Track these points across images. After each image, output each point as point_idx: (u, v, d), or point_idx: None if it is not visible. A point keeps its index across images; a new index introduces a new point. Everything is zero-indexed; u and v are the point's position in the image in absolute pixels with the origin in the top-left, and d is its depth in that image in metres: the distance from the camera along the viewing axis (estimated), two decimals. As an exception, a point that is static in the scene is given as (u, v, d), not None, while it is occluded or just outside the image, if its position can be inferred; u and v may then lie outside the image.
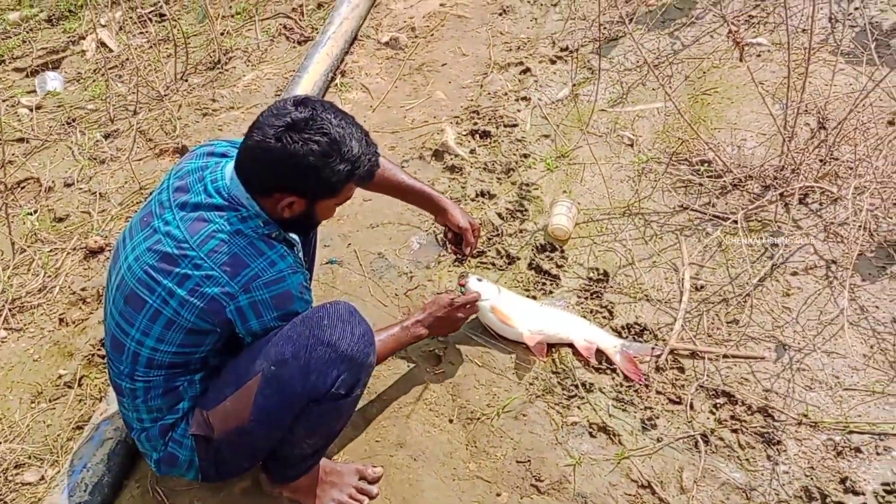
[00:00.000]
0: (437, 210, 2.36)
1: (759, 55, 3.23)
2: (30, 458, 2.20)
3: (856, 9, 3.30)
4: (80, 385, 2.41)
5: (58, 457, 2.20)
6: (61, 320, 2.63)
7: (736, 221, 2.42)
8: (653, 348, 2.28)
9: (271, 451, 1.87)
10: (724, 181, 2.70)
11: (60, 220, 3.04)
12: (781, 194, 2.59)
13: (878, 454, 1.98)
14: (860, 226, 2.36)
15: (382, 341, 2.02)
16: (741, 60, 2.52)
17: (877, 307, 2.31)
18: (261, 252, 1.69)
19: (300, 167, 1.65)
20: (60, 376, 2.44)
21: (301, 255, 1.93)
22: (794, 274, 2.43)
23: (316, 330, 1.70)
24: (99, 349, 2.50)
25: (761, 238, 2.53)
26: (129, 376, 1.78)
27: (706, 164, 2.78)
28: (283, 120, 1.64)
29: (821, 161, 2.62)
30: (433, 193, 2.35)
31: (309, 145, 1.63)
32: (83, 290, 2.72)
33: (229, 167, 1.76)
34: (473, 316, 2.31)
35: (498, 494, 2.00)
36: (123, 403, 1.86)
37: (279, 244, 1.74)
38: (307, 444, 1.85)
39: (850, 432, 2.02)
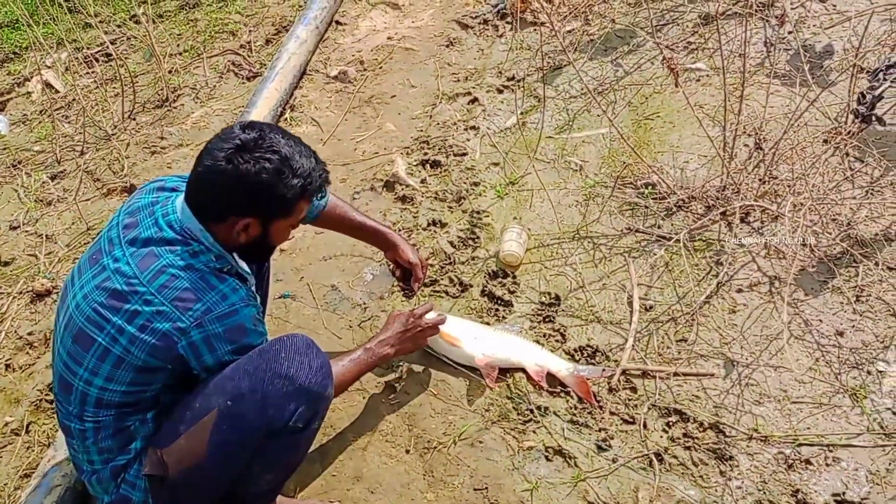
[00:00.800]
0: (386, 245, 2.38)
1: (698, 80, 3.33)
2: (-25, 509, 2.14)
3: (789, 32, 3.42)
4: (27, 432, 2.35)
5: (5, 507, 2.14)
6: (7, 366, 2.57)
7: (680, 241, 2.47)
8: (604, 370, 2.30)
9: (227, 491, 1.85)
10: (669, 202, 2.76)
11: (6, 263, 2.98)
12: (723, 213, 2.65)
13: (827, 465, 2.02)
14: (800, 242, 2.43)
15: (345, 367, 2.00)
16: (676, 86, 2.59)
17: (820, 321, 2.37)
18: (212, 286, 1.68)
19: (253, 187, 1.66)
20: (7, 423, 2.38)
21: (254, 289, 1.92)
22: (739, 291, 2.48)
23: (273, 363, 1.69)
24: (47, 394, 2.45)
25: (705, 257, 2.59)
26: (78, 417, 1.74)
27: (651, 187, 2.84)
28: (231, 143, 1.66)
29: (760, 180, 2.69)
30: (383, 229, 2.37)
31: (260, 163, 1.65)
32: (30, 334, 2.67)
33: (180, 200, 1.75)
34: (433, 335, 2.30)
35: (456, 523, 2.00)
36: (73, 445, 1.81)
37: (231, 278, 1.73)
38: (264, 481, 1.82)
39: (800, 445, 2.07)
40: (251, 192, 1.67)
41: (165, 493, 1.77)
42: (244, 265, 1.89)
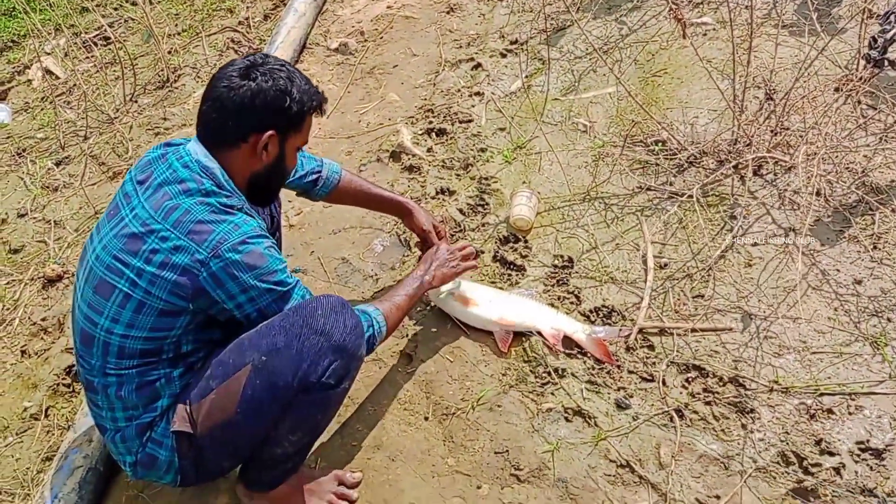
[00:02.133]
0: (402, 213, 2.41)
1: (704, 34, 3.27)
2: (0, 493, 2.15)
3: (795, -19, 3.35)
4: (46, 416, 2.36)
5: (29, 490, 2.15)
6: (23, 352, 2.57)
7: (693, 196, 2.44)
8: (620, 329, 2.28)
9: (251, 455, 1.85)
10: (680, 159, 2.72)
11: (16, 251, 2.99)
12: (736, 167, 2.61)
13: (850, 414, 2.00)
14: (814, 192, 2.39)
15: (395, 304, 2.00)
16: (684, 38, 2.55)
17: (838, 270, 2.33)
18: (223, 219, 1.70)
19: (271, 99, 1.74)
20: (26, 409, 2.39)
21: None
22: (755, 244, 2.45)
23: (310, 320, 1.71)
24: (64, 379, 2.45)
25: (719, 212, 2.55)
26: (100, 371, 1.74)
27: (661, 144, 2.80)
28: (239, 65, 1.75)
29: (772, 132, 2.65)
30: (398, 198, 2.41)
31: (273, 76, 1.74)
32: (43, 319, 2.67)
33: (191, 144, 1.79)
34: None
35: (478, 487, 1.99)
36: (96, 402, 1.80)
37: (242, 213, 1.76)
38: (289, 442, 1.81)
39: (822, 394, 2.04)
40: (270, 105, 1.74)
41: (192, 453, 1.77)
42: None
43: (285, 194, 2.43)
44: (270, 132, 1.76)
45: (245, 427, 1.73)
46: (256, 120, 1.74)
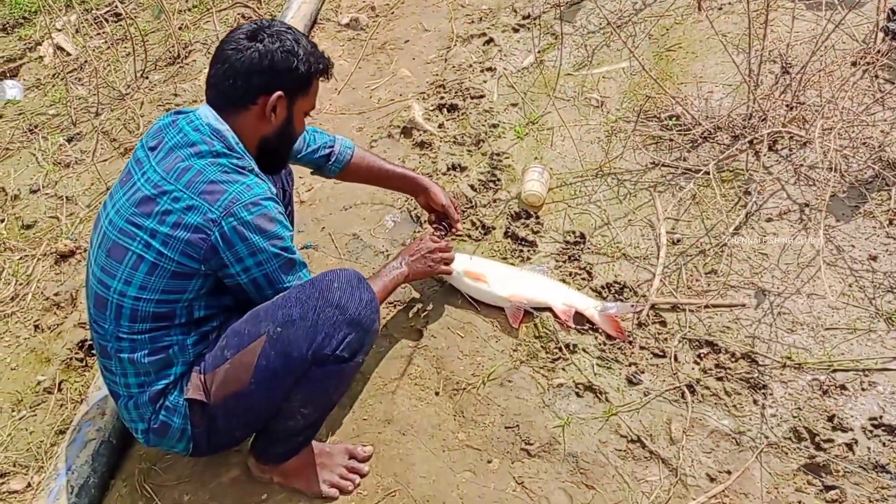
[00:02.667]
0: (417, 191, 2.40)
1: (720, 8, 3.22)
2: (14, 465, 2.17)
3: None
4: (59, 390, 2.37)
5: (42, 463, 2.17)
6: (36, 327, 2.59)
7: (708, 173, 2.42)
8: (632, 305, 2.27)
9: (263, 428, 1.86)
10: (694, 134, 2.69)
11: (28, 227, 2.99)
12: (751, 142, 2.58)
13: (863, 390, 1.98)
14: (830, 167, 2.36)
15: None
16: (699, 10, 2.51)
17: (853, 246, 2.31)
18: (235, 179, 1.71)
19: (279, 61, 1.74)
20: (39, 382, 2.40)
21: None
22: (769, 220, 2.42)
23: (326, 292, 1.72)
24: (77, 353, 2.47)
25: (733, 187, 2.52)
26: (113, 335, 1.75)
27: (675, 119, 2.77)
28: (246, 29, 1.76)
29: (787, 107, 2.61)
30: (412, 175, 2.39)
31: (280, 38, 1.75)
32: (56, 294, 2.68)
33: (202, 109, 1.79)
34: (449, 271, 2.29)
35: (489, 461, 1.99)
36: (110, 368, 1.81)
37: (253, 175, 1.77)
38: (301, 415, 1.82)
39: (835, 371, 2.03)
40: (277, 66, 1.74)
41: (205, 421, 1.78)
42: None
43: (297, 171, 2.42)
44: (278, 93, 1.76)
45: (258, 398, 1.74)
46: (264, 81, 1.74)
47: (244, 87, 1.74)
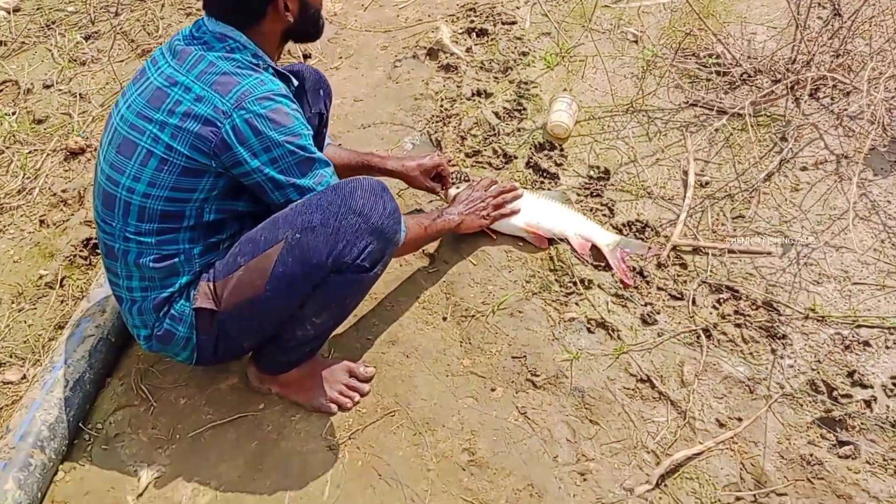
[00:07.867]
0: (405, 181, 2.35)
1: (771, -53, 3.06)
2: (11, 356, 2.14)
3: None
4: (61, 286, 2.33)
5: (39, 356, 2.13)
6: (42, 222, 2.53)
7: (743, 114, 2.31)
8: (650, 248, 2.19)
9: (272, 336, 1.81)
10: (733, 75, 2.57)
11: (40, 121, 2.92)
12: (792, 87, 2.46)
13: (887, 348, 1.91)
14: (873, 119, 2.24)
15: (419, 223, 1.99)
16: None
17: (889, 202, 2.21)
18: (249, 73, 1.65)
19: None
20: (41, 277, 2.36)
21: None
22: (804, 169, 2.32)
23: (348, 199, 1.65)
24: (81, 251, 2.41)
25: (769, 132, 2.41)
26: (121, 235, 1.70)
27: (714, 58, 2.64)
28: None
29: (834, 53, 2.48)
30: (388, 168, 2.31)
31: None
32: (63, 191, 2.62)
33: (213, 25, 1.71)
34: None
35: (493, 389, 1.94)
36: (114, 270, 1.76)
37: (268, 73, 1.71)
38: (312, 325, 1.76)
39: (859, 326, 1.95)
40: None
41: (214, 329, 1.73)
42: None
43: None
44: None
45: (273, 304, 1.68)
46: None
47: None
